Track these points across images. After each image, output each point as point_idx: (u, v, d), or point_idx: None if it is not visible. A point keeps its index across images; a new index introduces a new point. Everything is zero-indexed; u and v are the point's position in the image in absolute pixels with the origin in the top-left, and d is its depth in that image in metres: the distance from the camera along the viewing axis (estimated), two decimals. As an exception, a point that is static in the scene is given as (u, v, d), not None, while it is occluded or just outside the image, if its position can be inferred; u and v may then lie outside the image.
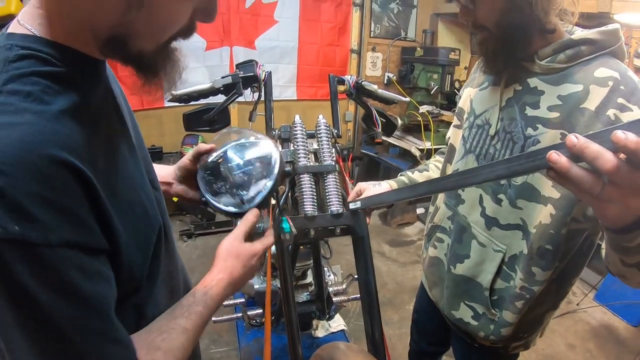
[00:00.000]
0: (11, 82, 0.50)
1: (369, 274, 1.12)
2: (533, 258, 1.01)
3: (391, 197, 1.00)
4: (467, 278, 1.16)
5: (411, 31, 4.59)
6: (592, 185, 0.49)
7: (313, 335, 2.13)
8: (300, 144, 1.17)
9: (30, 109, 0.50)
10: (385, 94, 1.39)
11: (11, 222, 0.44)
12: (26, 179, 0.46)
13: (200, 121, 1.35)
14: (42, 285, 0.47)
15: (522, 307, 1.06)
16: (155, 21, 0.56)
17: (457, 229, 1.18)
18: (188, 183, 1.01)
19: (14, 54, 0.53)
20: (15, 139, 0.46)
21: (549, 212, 0.95)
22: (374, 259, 1.05)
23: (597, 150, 0.45)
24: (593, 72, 0.89)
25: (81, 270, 0.51)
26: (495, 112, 1.04)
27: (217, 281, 0.77)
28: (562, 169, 0.48)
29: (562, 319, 2.94)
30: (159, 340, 0.64)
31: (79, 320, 0.52)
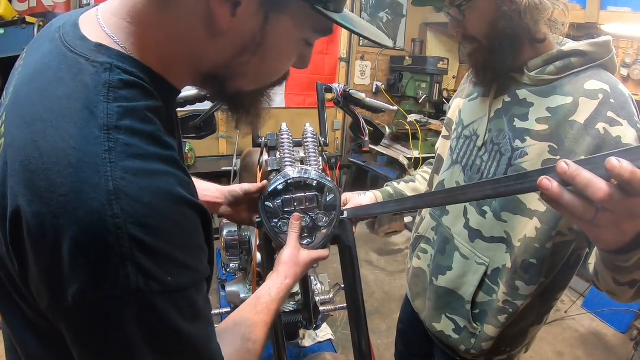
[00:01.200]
0: (127, 117, 0.45)
1: (356, 284, 1.11)
2: (517, 272, 0.99)
3: (378, 209, 1.00)
4: (449, 290, 1.14)
5: (400, 40, 4.62)
6: (585, 212, 0.47)
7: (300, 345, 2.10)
8: (287, 152, 1.16)
9: (158, 155, 0.46)
10: (373, 103, 1.39)
11: (164, 275, 0.44)
12: (172, 230, 0.45)
13: (187, 128, 1.34)
14: (187, 320, 0.48)
15: (504, 322, 1.04)
16: (265, 67, 0.57)
17: (441, 240, 1.16)
18: (235, 208, 1.06)
19: (117, 78, 0.47)
20: (157, 190, 0.44)
21: (534, 225, 0.94)
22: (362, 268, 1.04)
23: (588, 178, 0.44)
24: (583, 84, 0.89)
25: (204, 297, 0.53)
26: (484, 123, 1.04)
27: (286, 285, 0.87)
28: (554, 196, 0.47)
29: (550, 326, 2.95)
30: (249, 331, 0.73)
31: (207, 337, 0.54)
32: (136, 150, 0.44)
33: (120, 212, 0.41)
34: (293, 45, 0.59)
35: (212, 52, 0.53)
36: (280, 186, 0.99)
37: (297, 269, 0.92)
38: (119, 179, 0.42)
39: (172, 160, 0.48)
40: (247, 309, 0.79)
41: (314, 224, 1.01)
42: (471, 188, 0.60)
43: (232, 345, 0.69)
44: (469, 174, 1.07)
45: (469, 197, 0.61)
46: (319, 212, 1.01)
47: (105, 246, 0.41)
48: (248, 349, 0.70)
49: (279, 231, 0.99)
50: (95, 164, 0.42)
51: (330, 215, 1.02)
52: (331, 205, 1.02)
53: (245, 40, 0.53)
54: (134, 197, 0.42)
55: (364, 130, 1.38)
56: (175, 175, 0.47)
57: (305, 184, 0.99)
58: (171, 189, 0.46)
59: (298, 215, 0.98)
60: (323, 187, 1.00)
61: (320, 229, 1.02)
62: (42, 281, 0.44)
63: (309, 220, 1.00)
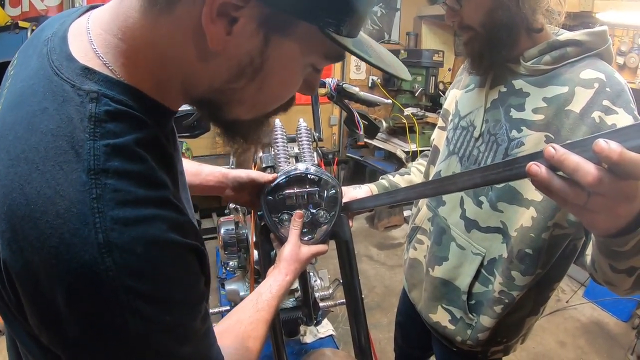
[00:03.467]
0: (115, 158, 0.42)
1: (354, 278, 1.11)
2: (513, 262, 0.99)
3: (371, 202, 0.99)
4: (445, 281, 1.14)
5: (395, 34, 4.61)
6: (576, 197, 0.46)
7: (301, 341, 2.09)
8: (281, 149, 1.15)
9: (148, 199, 0.44)
10: (367, 96, 1.37)
11: (163, 315, 0.44)
12: (168, 275, 0.45)
13: (180, 127, 1.33)
14: (186, 343, 0.48)
15: (500, 312, 1.04)
16: (264, 95, 0.52)
17: (437, 230, 1.16)
18: (239, 193, 1.06)
19: (103, 110, 0.43)
20: (148, 239, 0.42)
21: (531, 215, 0.94)
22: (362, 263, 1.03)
23: (576, 162, 0.43)
24: (579, 73, 0.88)
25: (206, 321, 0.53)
26: (480, 114, 1.04)
27: (287, 281, 0.89)
28: (543, 181, 0.46)
29: (552, 316, 2.95)
30: (250, 329, 0.74)
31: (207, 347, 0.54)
32: (125, 197, 0.42)
33: (112, 265, 0.40)
34: (297, 72, 0.53)
35: (206, 75, 0.49)
36: (283, 181, 1.00)
37: (297, 265, 0.94)
38: (109, 230, 0.40)
39: (164, 201, 0.46)
40: (248, 305, 0.80)
41: (315, 219, 1.02)
42: (460, 177, 0.60)
43: (232, 344, 0.70)
44: (465, 164, 1.07)
45: (459, 186, 0.60)
46: (320, 208, 1.02)
47: (101, 298, 0.40)
48: (248, 346, 0.71)
49: (280, 225, 1.01)
50: (83, 215, 0.40)
51: (331, 212, 1.03)
52: (332, 202, 1.02)
53: (242, 64, 0.48)
54: (126, 249, 0.41)
55: (359, 124, 1.37)
56: (166, 218, 0.45)
57: (308, 180, 1.00)
58: (163, 236, 0.44)
59: (301, 212, 0.99)
60: (325, 183, 1.01)
61: (321, 225, 1.03)
62: (41, 322, 0.43)
63: (309, 216, 1.01)
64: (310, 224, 1.02)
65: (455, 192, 0.63)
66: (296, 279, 0.95)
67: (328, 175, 1.02)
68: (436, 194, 0.64)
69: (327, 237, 1.04)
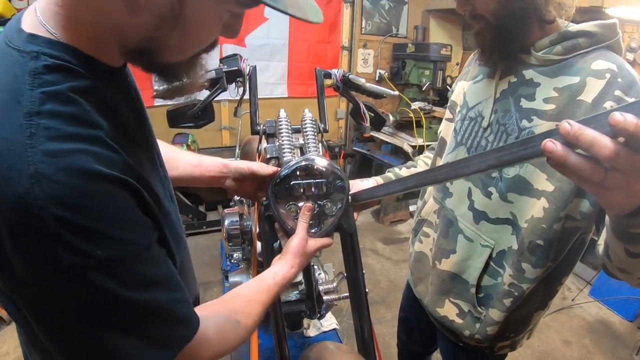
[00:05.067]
0: (49, 102, 0.47)
1: (358, 272, 1.09)
2: (523, 254, 0.98)
3: (380, 191, 0.97)
4: (453, 274, 1.13)
5: (403, 28, 4.57)
6: (593, 173, 0.45)
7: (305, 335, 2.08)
8: (285, 139, 1.14)
9: (79, 135, 0.48)
10: (373, 88, 1.35)
11: (94, 249, 0.47)
12: (94, 206, 0.47)
13: (184, 117, 1.31)
14: (135, 289, 0.52)
15: (509, 306, 1.03)
16: (187, 39, 0.56)
17: (444, 222, 1.15)
18: (240, 184, 1.07)
19: (42, 64, 0.49)
20: (72, 169, 0.46)
21: (542, 205, 0.93)
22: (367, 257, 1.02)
23: (592, 136, 0.42)
24: (590, 64, 0.88)
25: (158, 265, 0.57)
26: (489, 104, 1.02)
27: (291, 273, 0.90)
28: (559, 158, 0.45)
29: (557, 314, 2.93)
30: (244, 305, 0.77)
31: (170, 302, 0.58)
32: (55, 133, 0.46)
33: (41, 194, 0.44)
34: (214, 18, 0.58)
35: (134, 26, 0.53)
36: (291, 172, 0.99)
37: (303, 259, 0.94)
38: (38, 163, 0.44)
39: (94, 138, 0.49)
40: (248, 286, 0.83)
41: (322, 212, 1.01)
42: (474, 159, 0.58)
43: (221, 313, 0.72)
44: None
45: (473, 169, 0.58)
46: (327, 201, 1.01)
47: (34, 229, 0.44)
48: (237, 320, 0.73)
49: (287, 217, 1.00)
50: (19, 151, 0.45)
51: (338, 204, 1.02)
52: (340, 194, 1.01)
53: (163, 13, 0.52)
54: (52, 179, 0.44)
55: (364, 116, 1.35)
56: (94, 152, 0.48)
57: (315, 171, 0.99)
58: (86, 166, 0.47)
59: (310, 205, 0.99)
60: (333, 175, 1.00)
61: (328, 217, 1.02)
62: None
63: (316, 208, 1.00)
64: (317, 216, 1.01)
65: (469, 174, 0.61)
66: (300, 272, 0.96)
67: (336, 167, 1.01)
68: (449, 179, 0.62)
69: (332, 230, 1.03)
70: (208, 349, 0.66)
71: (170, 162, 1.03)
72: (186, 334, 0.61)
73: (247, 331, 0.75)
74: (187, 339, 0.60)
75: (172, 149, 1.08)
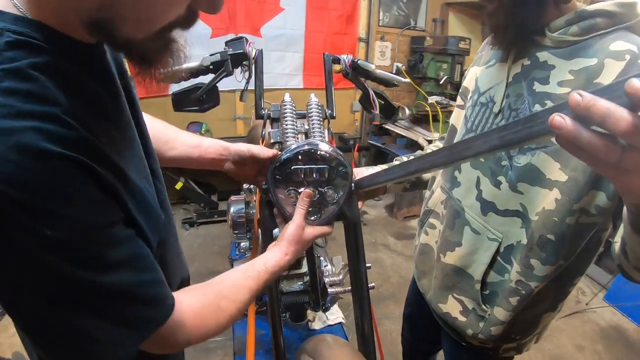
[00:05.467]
0: (6, 79, 0.46)
1: (360, 264, 1.06)
2: (533, 249, 0.92)
3: (382, 177, 0.93)
4: (458, 268, 1.07)
5: (421, 20, 4.49)
6: (609, 152, 0.39)
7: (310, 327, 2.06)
8: (289, 124, 1.10)
9: (33, 112, 0.46)
10: (383, 74, 1.31)
11: (44, 229, 0.46)
12: (44, 185, 0.46)
13: (189, 101, 1.29)
14: (94, 270, 0.51)
15: (516, 305, 0.97)
16: (141, 8, 0.51)
17: (450, 213, 1.09)
18: (240, 167, 1.05)
19: (4, 41, 0.48)
20: (20, 147, 0.44)
21: (554, 197, 0.86)
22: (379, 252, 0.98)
23: (605, 107, 0.36)
24: (609, 45, 0.81)
25: (121, 245, 0.55)
26: (501, 89, 0.96)
27: (285, 260, 0.88)
28: (569, 135, 0.39)
29: (570, 318, 2.85)
30: (229, 291, 0.75)
31: (136, 284, 0.56)
32: (9, 110, 0.45)
33: None
34: None
35: None
36: (293, 156, 0.95)
37: (299, 247, 0.92)
38: None
39: (49, 115, 0.47)
40: (237, 271, 0.81)
41: (323, 199, 0.97)
42: (476, 140, 0.52)
43: (199, 298, 0.71)
44: None
45: (475, 151, 0.53)
46: (329, 187, 0.97)
47: None
48: (219, 305, 0.72)
49: (286, 202, 0.96)
50: None
51: (340, 191, 0.98)
52: (343, 181, 0.97)
53: None
54: (2, 157, 0.43)
55: (374, 103, 1.30)
56: (46, 130, 0.46)
57: (318, 156, 0.95)
58: (35, 144, 0.45)
59: (309, 192, 0.95)
60: (335, 161, 0.96)
61: (328, 205, 0.98)
62: None
63: (317, 195, 0.97)
64: (318, 203, 0.97)
65: (472, 157, 0.55)
66: (295, 260, 0.92)
67: (339, 153, 0.97)
68: (450, 162, 0.57)
69: (333, 218, 0.99)
70: (184, 333, 0.65)
71: (169, 142, 1.03)
72: (157, 316, 0.59)
73: (229, 317, 0.72)
74: (158, 321, 0.59)
75: (172, 129, 1.06)
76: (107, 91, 0.61)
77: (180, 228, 3.80)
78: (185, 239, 3.63)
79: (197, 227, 3.81)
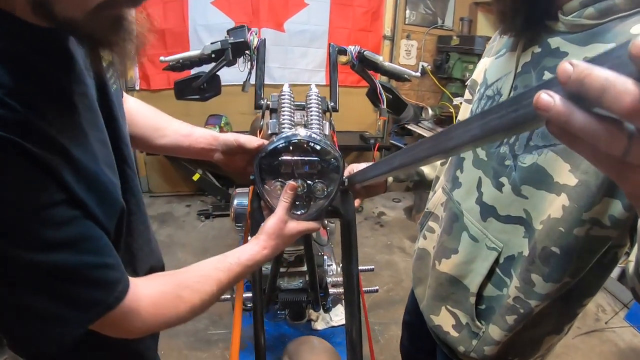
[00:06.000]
0: None
1: (352, 264, 1.00)
2: (534, 262, 0.80)
3: (372, 171, 0.85)
4: (453, 278, 0.97)
5: (449, 19, 4.37)
6: (610, 141, 0.28)
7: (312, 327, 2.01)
8: (286, 115, 1.06)
9: None
10: (391, 67, 1.25)
11: None
12: None
13: (190, 89, 1.27)
14: (23, 249, 0.51)
15: (513, 324, 0.86)
16: None
17: (448, 216, 0.99)
18: (229, 158, 1.04)
19: None
20: None
21: (561, 203, 0.74)
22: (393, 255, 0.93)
23: (603, 78, 0.26)
24: (630, 28, 0.69)
25: (57, 222, 0.54)
26: (509, 80, 0.87)
27: (262, 255, 0.84)
28: (559, 118, 0.29)
29: (588, 337, 2.71)
30: (194, 281, 0.73)
31: (81, 265, 0.56)
32: None
33: None
34: None
35: None
36: (280, 146, 0.90)
37: (279, 241, 0.88)
38: None
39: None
40: (208, 262, 0.79)
41: (311, 193, 0.92)
42: (457, 129, 0.45)
43: (160, 286, 0.70)
44: None
45: (456, 142, 0.46)
46: (319, 181, 0.92)
47: None
48: (180, 295, 0.70)
49: (273, 195, 0.92)
50: None
51: (329, 186, 0.92)
52: (332, 175, 0.92)
53: None
54: None
55: (381, 97, 1.25)
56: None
57: (308, 148, 0.90)
58: None
59: (293, 184, 0.90)
60: (325, 153, 0.91)
61: (317, 200, 0.93)
62: None
63: (305, 188, 0.91)
64: (305, 196, 0.92)
65: (454, 149, 0.47)
66: (276, 254, 0.89)
67: (329, 145, 0.91)
68: (431, 155, 0.50)
69: (322, 214, 0.94)
70: (138, 320, 0.64)
71: (159, 130, 1.02)
72: (104, 298, 0.59)
73: (190, 308, 0.71)
74: (107, 304, 0.59)
75: (163, 117, 1.05)
76: (67, 75, 0.60)
77: (196, 219, 3.84)
78: (200, 231, 3.65)
79: (212, 220, 3.82)
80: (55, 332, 0.56)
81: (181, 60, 1.25)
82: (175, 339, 2.35)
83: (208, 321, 2.44)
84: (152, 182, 4.35)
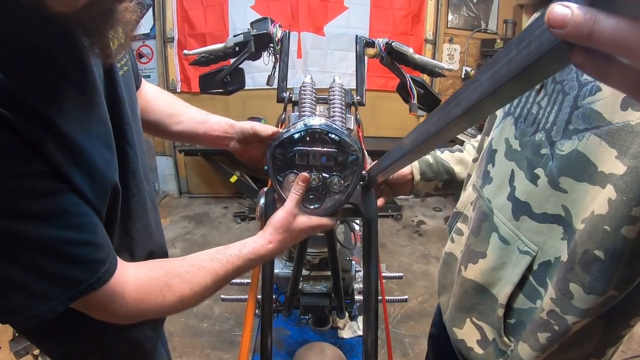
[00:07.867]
0: None
1: (371, 267, 0.92)
2: (573, 269, 0.66)
3: (387, 160, 0.77)
4: (479, 286, 0.85)
5: (492, 22, 4.23)
6: None
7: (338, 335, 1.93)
8: (307, 107, 1.01)
9: None
10: (422, 60, 1.18)
11: None
12: None
13: (214, 83, 1.24)
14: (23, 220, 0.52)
15: (545, 344, 0.72)
16: None
17: (477, 216, 0.88)
18: (245, 146, 1.01)
19: None
20: None
21: (607, 196, 0.61)
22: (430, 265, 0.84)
23: None
24: None
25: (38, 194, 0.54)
26: None
27: (267, 249, 0.79)
28: (580, 30, 0.22)
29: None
30: (185, 270, 0.70)
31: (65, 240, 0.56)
32: None
33: None
34: None
35: None
36: (295, 135, 0.84)
37: (287, 236, 0.82)
38: None
39: None
40: (205, 252, 0.76)
41: (326, 186, 0.85)
42: (465, 90, 0.38)
43: (149, 271, 0.68)
44: (521, 127, 0.79)
45: (464, 106, 0.38)
46: (335, 174, 0.85)
47: None
48: (168, 283, 0.68)
49: (287, 187, 0.86)
50: None
51: (347, 180, 0.85)
52: (351, 168, 0.85)
53: None
54: None
55: (411, 92, 1.17)
56: None
57: (325, 138, 0.84)
58: None
59: (306, 176, 0.83)
60: (344, 145, 0.84)
61: (333, 194, 0.86)
62: None
63: (320, 180, 0.85)
64: (321, 190, 0.86)
65: (462, 116, 0.39)
66: (284, 250, 0.84)
67: (349, 137, 0.85)
68: (440, 129, 0.41)
69: (337, 210, 0.87)
70: (122, 304, 0.63)
71: (175, 117, 1.01)
72: (85, 277, 0.58)
73: (178, 298, 0.68)
74: (88, 284, 0.58)
75: (179, 103, 1.04)
76: (68, 54, 0.59)
77: (232, 221, 3.87)
78: (234, 233, 3.67)
79: (248, 222, 3.83)
80: (32, 305, 0.55)
81: (205, 54, 1.23)
82: (200, 338, 2.35)
83: (234, 322, 2.43)
84: (191, 183, 4.42)
